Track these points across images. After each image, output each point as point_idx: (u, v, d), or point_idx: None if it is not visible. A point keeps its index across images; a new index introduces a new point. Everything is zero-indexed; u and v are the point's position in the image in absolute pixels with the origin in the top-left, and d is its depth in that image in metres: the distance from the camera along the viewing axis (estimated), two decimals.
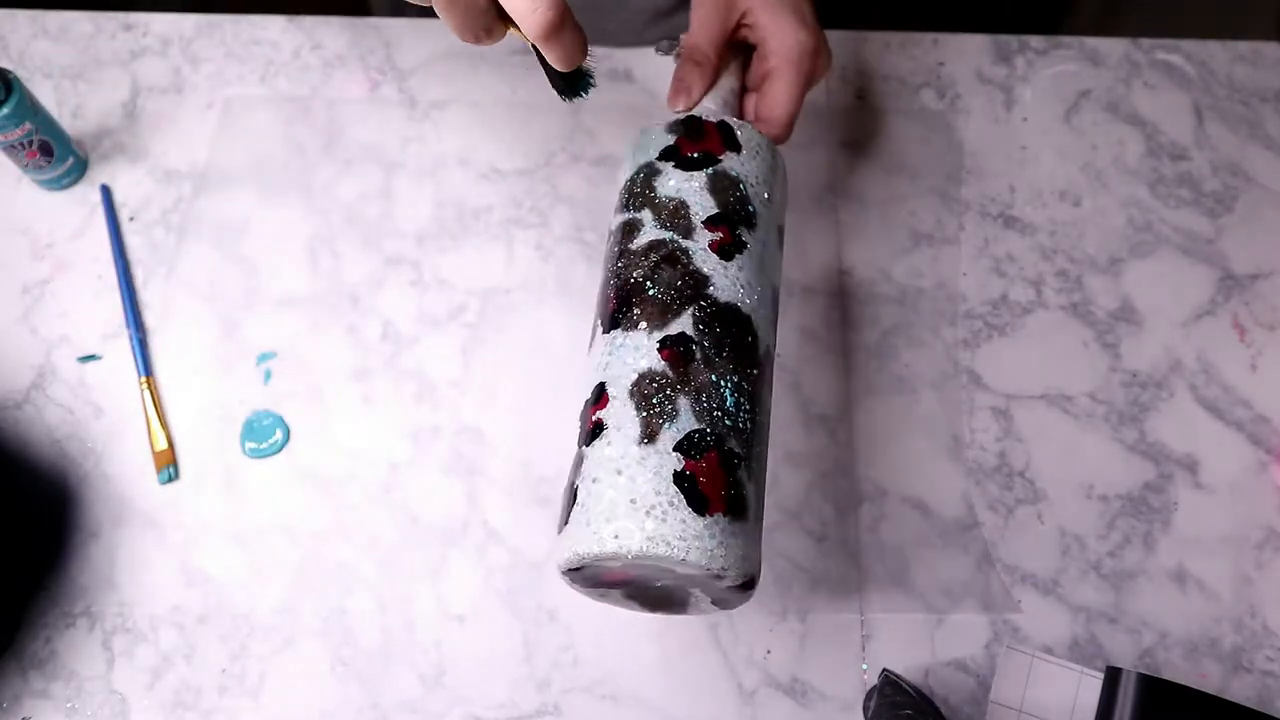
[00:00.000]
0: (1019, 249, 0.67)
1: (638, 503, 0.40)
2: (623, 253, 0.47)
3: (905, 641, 0.57)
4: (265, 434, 0.60)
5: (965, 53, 0.73)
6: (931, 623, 0.57)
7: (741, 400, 0.43)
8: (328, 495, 0.59)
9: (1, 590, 0.56)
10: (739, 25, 0.54)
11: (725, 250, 0.47)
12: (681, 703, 0.55)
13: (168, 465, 0.59)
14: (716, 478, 0.41)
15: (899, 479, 0.61)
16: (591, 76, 0.44)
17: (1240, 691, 0.56)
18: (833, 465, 0.61)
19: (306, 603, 0.57)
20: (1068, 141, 0.71)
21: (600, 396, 0.43)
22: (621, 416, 0.42)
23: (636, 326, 0.44)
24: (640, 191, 0.49)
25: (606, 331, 0.45)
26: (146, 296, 0.64)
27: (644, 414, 0.41)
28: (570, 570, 0.42)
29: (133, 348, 0.62)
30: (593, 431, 0.42)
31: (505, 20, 0.41)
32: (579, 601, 0.57)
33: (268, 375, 0.62)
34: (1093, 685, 0.54)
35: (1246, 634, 0.58)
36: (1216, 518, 0.60)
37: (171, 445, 0.60)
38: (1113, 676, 0.51)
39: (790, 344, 0.64)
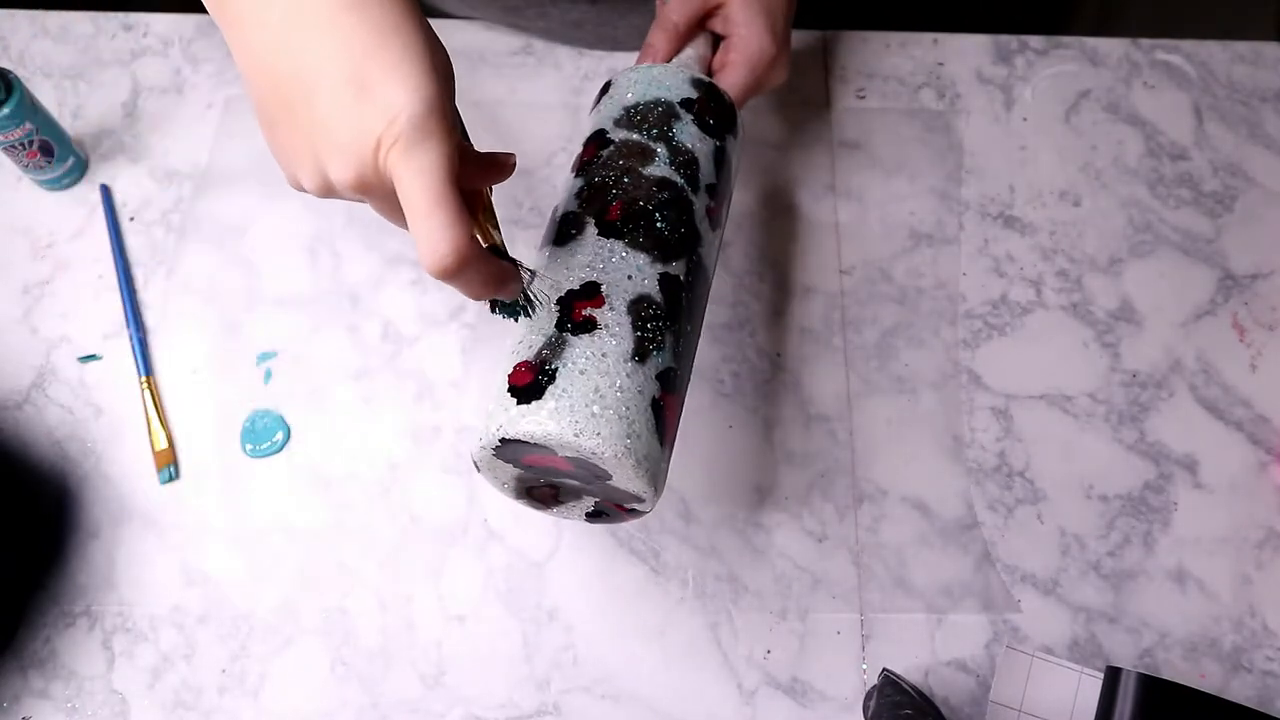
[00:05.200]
0: (1019, 249, 0.67)
1: (625, 414, 0.42)
2: (629, 169, 0.48)
3: (905, 641, 0.57)
4: (265, 434, 0.60)
5: (965, 53, 0.73)
6: (931, 623, 0.57)
7: (692, 355, 0.48)
8: (328, 495, 0.59)
9: (1, 590, 0.56)
10: (715, 9, 0.56)
11: (714, 220, 0.50)
12: (681, 703, 0.55)
13: (168, 465, 0.59)
14: (675, 416, 0.46)
15: (899, 479, 0.61)
16: (530, 304, 0.43)
17: (1240, 691, 0.56)
18: (833, 465, 0.61)
19: (306, 603, 0.57)
20: (1068, 141, 0.71)
21: (595, 295, 0.44)
22: (617, 327, 0.44)
23: (640, 249, 0.46)
24: (656, 123, 0.50)
25: (604, 236, 0.46)
26: (146, 296, 0.64)
27: (639, 334, 0.44)
28: (513, 442, 0.42)
29: (133, 348, 0.62)
30: (581, 324, 0.43)
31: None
32: (579, 601, 0.57)
33: (268, 375, 0.62)
34: (1093, 685, 0.54)
35: (1246, 634, 0.58)
36: (1216, 518, 0.60)
37: (171, 445, 0.60)
38: (1112, 676, 0.51)
39: (790, 344, 0.64)
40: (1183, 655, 0.57)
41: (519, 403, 0.42)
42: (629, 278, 0.45)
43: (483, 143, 0.68)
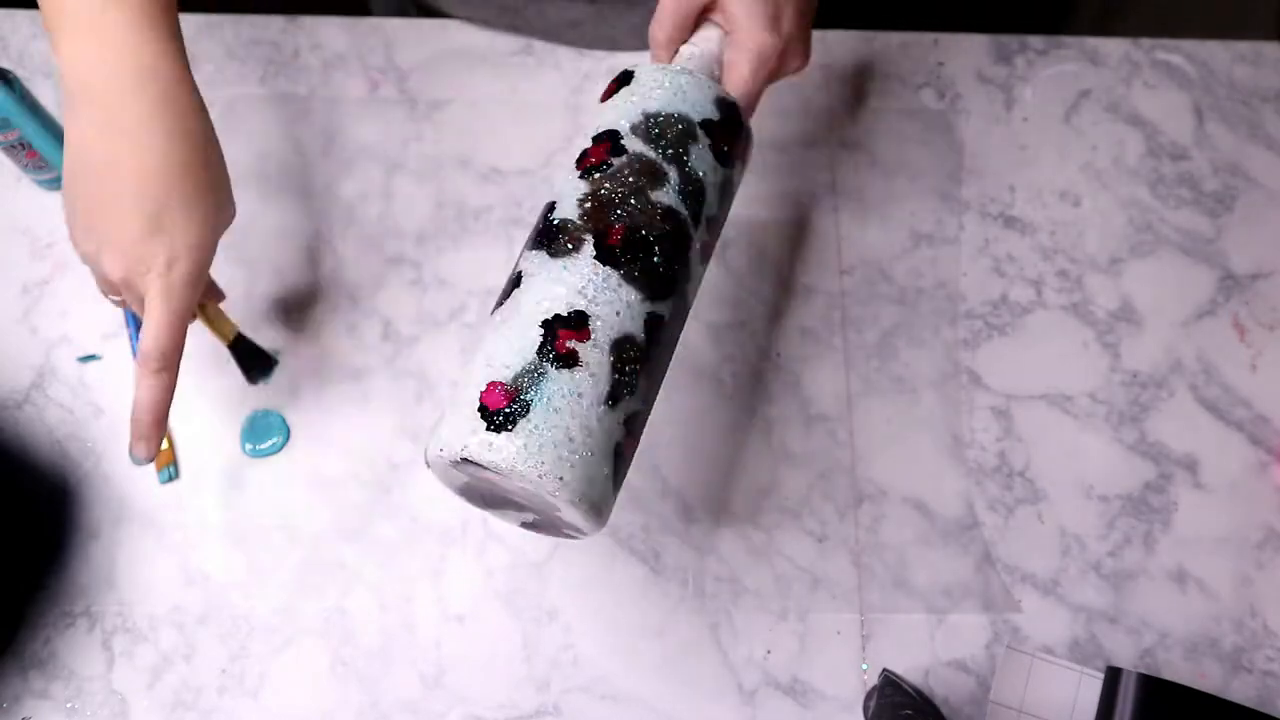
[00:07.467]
0: (1019, 249, 0.67)
1: (588, 459, 0.41)
2: (638, 190, 0.46)
3: (905, 641, 0.57)
4: (265, 434, 0.60)
5: (965, 53, 0.73)
6: (931, 623, 0.57)
7: (656, 394, 0.46)
8: (328, 495, 0.59)
9: (1, 590, 0.56)
10: (711, 6, 0.52)
11: (705, 255, 0.48)
12: (681, 703, 0.55)
13: (168, 465, 0.59)
14: (631, 457, 0.45)
15: (899, 479, 0.61)
16: (273, 363, 0.60)
17: (1240, 691, 0.57)
18: (833, 465, 0.61)
19: (306, 603, 0.57)
20: (1068, 141, 0.71)
21: (583, 327, 0.43)
22: (597, 366, 0.42)
23: (633, 284, 0.44)
24: (673, 143, 0.47)
25: (601, 261, 0.44)
26: None
27: (616, 377, 0.42)
28: (473, 463, 0.41)
29: (133, 347, 0.62)
30: (564, 359, 0.42)
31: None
32: (579, 601, 0.57)
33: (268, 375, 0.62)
34: (1093, 685, 0.54)
35: (1246, 634, 0.58)
36: (1216, 518, 0.60)
37: (171, 445, 0.60)
38: (1113, 676, 0.51)
39: (790, 344, 0.64)
40: (1183, 655, 0.57)
41: (489, 428, 0.41)
42: (617, 314, 0.43)
43: (482, 142, 0.69)
